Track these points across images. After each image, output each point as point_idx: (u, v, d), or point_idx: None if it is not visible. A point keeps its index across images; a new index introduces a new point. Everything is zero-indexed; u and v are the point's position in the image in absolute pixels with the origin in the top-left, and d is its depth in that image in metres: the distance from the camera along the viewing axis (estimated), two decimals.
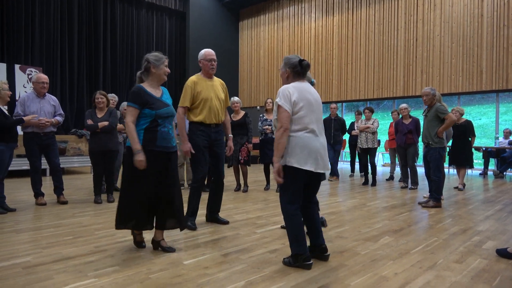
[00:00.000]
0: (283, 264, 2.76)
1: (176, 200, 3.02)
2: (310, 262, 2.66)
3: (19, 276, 2.50)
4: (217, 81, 3.91)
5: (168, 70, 3.03)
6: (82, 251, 3.04)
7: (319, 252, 2.84)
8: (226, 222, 4.01)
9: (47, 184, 6.77)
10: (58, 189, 5.08)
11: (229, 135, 4.09)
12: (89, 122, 5.05)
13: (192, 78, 3.80)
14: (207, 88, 3.77)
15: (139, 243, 3.14)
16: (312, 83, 3.77)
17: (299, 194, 2.72)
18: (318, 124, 2.76)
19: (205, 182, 6.43)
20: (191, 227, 3.74)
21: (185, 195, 5.87)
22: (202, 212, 4.63)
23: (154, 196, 2.97)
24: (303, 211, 2.82)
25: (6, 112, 4.54)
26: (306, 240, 2.72)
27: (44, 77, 4.90)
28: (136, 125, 2.89)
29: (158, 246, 3.05)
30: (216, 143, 3.86)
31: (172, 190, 3.01)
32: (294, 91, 2.68)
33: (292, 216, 2.68)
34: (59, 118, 5.01)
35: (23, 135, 4.82)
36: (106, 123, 5.06)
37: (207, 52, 3.80)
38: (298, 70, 2.81)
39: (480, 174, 9.47)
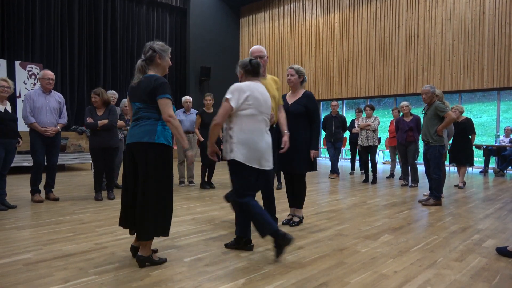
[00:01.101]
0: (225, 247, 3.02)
1: None
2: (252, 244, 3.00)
3: (20, 273, 2.50)
4: (270, 79, 3.57)
5: (170, 62, 2.85)
6: (82, 248, 3.04)
7: (244, 243, 2.99)
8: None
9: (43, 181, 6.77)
10: (49, 186, 5.11)
11: (285, 132, 3.49)
12: (89, 120, 5.05)
13: None
14: (265, 86, 3.45)
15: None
16: (303, 80, 3.80)
17: (248, 187, 2.85)
18: (265, 123, 2.90)
19: (206, 179, 6.44)
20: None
21: (185, 192, 5.91)
22: (194, 205, 4.63)
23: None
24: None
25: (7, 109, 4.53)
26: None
27: (50, 74, 4.97)
28: (159, 121, 2.62)
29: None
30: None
31: None
32: (246, 90, 2.82)
33: (246, 207, 2.82)
34: (64, 121, 5.10)
35: (29, 131, 4.85)
36: (106, 121, 5.06)
37: (253, 49, 3.50)
38: (248, 68, 2.95)
39: (480, 172, 9.47)
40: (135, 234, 2.69)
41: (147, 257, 2.63)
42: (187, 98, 6.59)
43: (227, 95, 2.81)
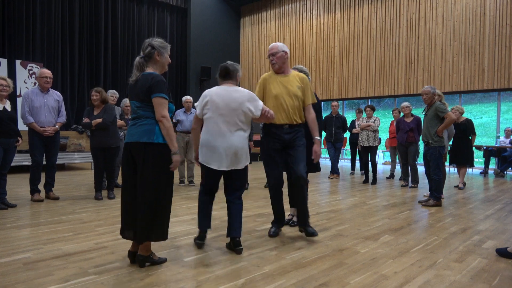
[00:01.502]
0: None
1: None
2: (202, 242, 3.09)
3: (20, 272, 2.50)
4: (294, 76, 3.42)
5: (170, 59, 2.80)
6: (82, 247, 3.04)
7: (233, 245, 3.00)
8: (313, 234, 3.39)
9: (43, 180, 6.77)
10: (49, 185, 5.12)
11: (315, 137, 3.39)
12: (85, 120, 5.06)
13: (264, 75, 3.49)
14: (277, 85, 3.37)
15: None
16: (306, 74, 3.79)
17: (208, 184, 3.07)
18: (227, 125, 2.94)
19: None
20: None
21: (185, 191, 5.91)
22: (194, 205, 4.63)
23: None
24: (228, 206, 3.06)
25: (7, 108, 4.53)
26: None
27: (48, 72, 4.95)
28: (157, 122, 2.58)
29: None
30: (291, 144, 3.35)
31: None
32: (206, 95, 3.00)
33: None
34: (62, 120, 5.10)
35: (28, 130, 4.85)
36: (99, 120, 5.05)
37: (268, 48, 3.45)
38: (220, 73, 3.10)
39: (480, 173, 9.46)
40: (134, 240, 2.63)
41: (147, 256, 2.62)
42: (187, 98, 6.59)
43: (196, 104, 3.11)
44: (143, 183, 2.54)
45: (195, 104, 3.08)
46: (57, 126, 4.99)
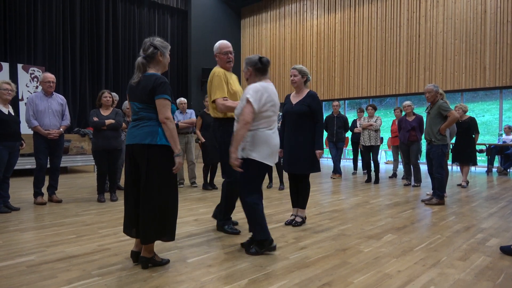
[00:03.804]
0: (250, 254, 2.92)
1: None
2: (274, 244, 2.98)
3: (23, 274, 2.51)
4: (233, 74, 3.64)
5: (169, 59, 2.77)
6: (85, 249, 3.05)
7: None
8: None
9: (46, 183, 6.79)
10: (52, 187, 5.14)
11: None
12: (95, 119, 5.09)
13: (219, 69, 3.47)
14: (234, 82, 3.51)
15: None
16: (307, 80, 3.81)
17: (260, 185, 2.98)
18: (276, 123, 3.05)
19: (208, 180, 6.44)
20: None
21: (187, 193, 5.91)
22: (196, 206, 4.63)
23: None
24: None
25: (10, 112, 4.55)
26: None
27: (51, 76, 4.99)
28: (159, 123, 2.56)
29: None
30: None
31: None
32: (264, 91, 2.87)
33: (256, 206, 2.93)
34: (66, 123, 5.13)
35: (33, 134, 4.89)
36: (112, 120, 5.12)
37: (222, 44, 3.52)
38: (259, 66, 2.98)
39: (486, 171, 9.41)
40: (138, 238, 2.64)
41: (150, 258, 2.62)
42: (181, 99, 6.66)
43: (250, 97, 2.82)
44: (148, 185, 2.52)
45: (247, 96, 2.81)
46: (61, 129, 5.02)
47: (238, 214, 4.42)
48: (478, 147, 8.60)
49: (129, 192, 2.65)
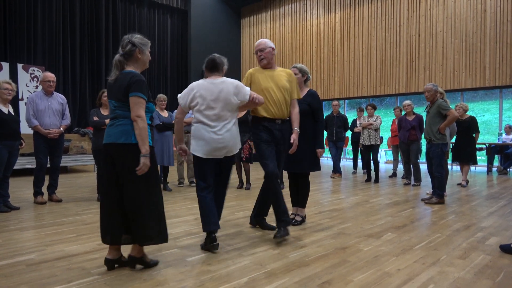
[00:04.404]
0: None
1: None
2: (217, 243, 2.97)
3: (23, 273, 2.51)
4: (281, 71, 3.48)
5: (150, 56, 2.68)
6: (85, 248, 3.05)
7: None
8: (272, 228, 3.62)
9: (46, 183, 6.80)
10: (52, 187, 5.14)
11: (295, 129, 3.43)
12: (95, 118, 5.08)
13: (251, 69, 3.51)
14: (266, 78, 3.38)
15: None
16: (307, 79, 3.80)
17: (202, 177, 3.06)
18: (216, 118, 3.01)
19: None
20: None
21: (186, 192, 5.91)
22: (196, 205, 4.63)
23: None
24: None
25: (10, 111, 4.56)
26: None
27: (51, 76, 4.98)
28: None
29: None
30: (278, 144, 3.40)
31: None
32: (195, 88, 3.04)
33: (200, 197, 3.05)
34: (67, 123, 5.13)
35: (33, 134, 4.90)
36: None
37: (255, 44, 3.50)
38: (206, 65, 3.19)
39: (487, 170, 9.41)
40: (113, 244, 2.52)
41: (139, 258, 2.55)
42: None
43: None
44: (128, 186, 2.44)
45: (179, 95, 3.12)
46: (61, 129, 5.02)
47: (240, 213, 4.42)
48: (478, 146, 8.60)
49: (108, 194, 2.52)
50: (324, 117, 8.31)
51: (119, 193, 2.51)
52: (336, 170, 8.09)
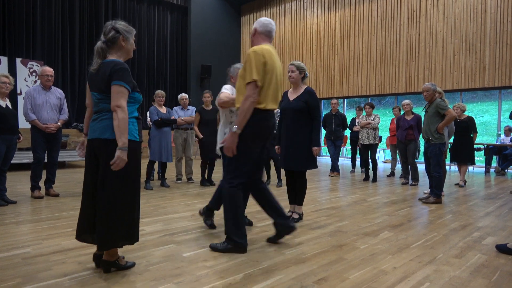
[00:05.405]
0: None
1: None
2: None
3: (19, 266, 2.50)
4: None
5: (135, 45, 2.50)
6: (81, 243, 3.03)
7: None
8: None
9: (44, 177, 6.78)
10: (49, 181, 5.13)
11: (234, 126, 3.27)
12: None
13: (264, 46, 2.84)
14: (272, 58, 2.84)
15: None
16: (305, 76, 3.79)
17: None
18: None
19: (206, 176, 6.43)
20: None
21: (184, 188, 5.91)
22: (193, 202, 4.62)
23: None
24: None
25: (8, 105, 4.54)
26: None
27: (49, 70, 4.96)
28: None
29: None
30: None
31: None
32: None
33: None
34: (64, 117, 5.12)
35: (30, 128, 4.88)
36: None
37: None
38: None
39: (485, 171, 9.42)
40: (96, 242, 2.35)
41: (113, 262, 2.40)
42: (183, 95, 6.66)
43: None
44: (105, 183, 2.26)
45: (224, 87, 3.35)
46: (59, 123, 5.00)
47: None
48: (476, 146, 8.60)
49: (87, 192, 2.36)
50: (323, 115, 8.33)
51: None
52: (334, 168, 8.09)
